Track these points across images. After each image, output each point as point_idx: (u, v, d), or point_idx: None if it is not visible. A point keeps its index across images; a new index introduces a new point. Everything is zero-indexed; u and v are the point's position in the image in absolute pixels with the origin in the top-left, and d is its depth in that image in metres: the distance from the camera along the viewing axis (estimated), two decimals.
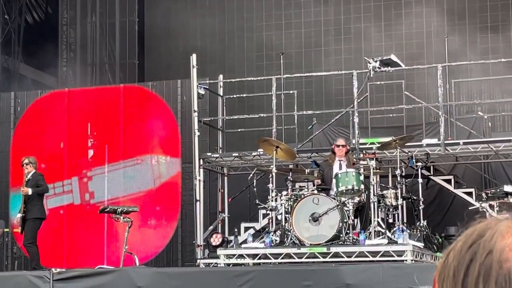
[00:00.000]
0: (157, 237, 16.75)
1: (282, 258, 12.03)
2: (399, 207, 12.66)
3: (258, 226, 14.65)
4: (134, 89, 17.77)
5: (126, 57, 23.35)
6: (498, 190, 13.18)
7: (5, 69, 23.21)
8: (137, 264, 13.00)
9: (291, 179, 12.95)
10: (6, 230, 18.07)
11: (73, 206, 17.35)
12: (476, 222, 1.42)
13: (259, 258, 12.34)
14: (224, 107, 15.76)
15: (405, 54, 19.53)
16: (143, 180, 17.01)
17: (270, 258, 12.19)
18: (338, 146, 13.07)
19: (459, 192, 14.20)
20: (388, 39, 20.96)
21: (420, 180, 13.09)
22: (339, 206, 11.95)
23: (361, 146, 13.99)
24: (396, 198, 12.57)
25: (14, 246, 18.08)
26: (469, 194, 14.00)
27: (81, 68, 22.79)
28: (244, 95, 17.58)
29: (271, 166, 12.93)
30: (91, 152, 17.67)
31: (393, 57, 14.25)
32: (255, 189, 13.77)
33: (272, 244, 12.33)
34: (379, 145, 13.38)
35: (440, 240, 13.35)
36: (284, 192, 12.76)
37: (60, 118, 17.66)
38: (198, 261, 13.68)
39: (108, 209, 13.69)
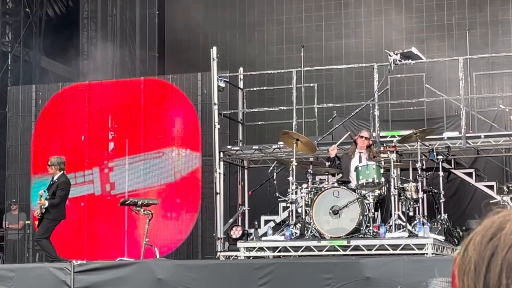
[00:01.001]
0: (177, 230, 16.78)
1: (302, 251, 12.02)
2: (420, 200, 12.63)
3: (278, 219, 14.65)
4: (154, 82, 17.78)
5: (147, 50, 23.39)
6: None
7: (26, 62, 23.32)
8: (158, 256, 13.02)
9: (311, 172, 12.93)
10: (27, 222, 18.18)
11: (94, 196, 17.41)
12: (493, 213, 1.40)
13: (279, 251, 12.34)
14: (244, 100, 15.75)
15: (426, 46, 19.44)
16: (163, 173, 17.04)
17: (290, 251, 12.19)
18: (362, 137, 13.02)
19: (480, 185, 14.13)
20: (409, 32, 20.87)
21: (441, 173, 13.03)
22: (360, 199, 11.92)
23: (381, 139, 13.95)
24: (417, 191, 12.53)
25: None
26: (490, 187, 13.94)
27: (102, 61, 22.83)
28: (264, 88, 17.56)
29: (291, 159, 12.91)
30: (111, 145, 17.72)
31: (414, 50, 14.18)
32: (275, 182, 13.77)
33: (292, 237, 12.32)
34: (399, 138, 13.32)
35: (461, 233, 13.28)
36: (305, 185, 12.74)
37: (81, 111, 17.73)
38: (218, 253, 13.70)
39: (128, 201, 13.72)
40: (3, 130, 21.00)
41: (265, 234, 13.55)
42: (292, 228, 12.46)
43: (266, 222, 14.74)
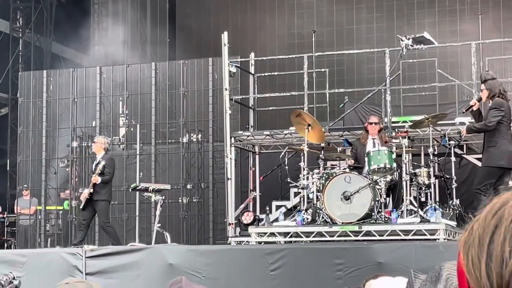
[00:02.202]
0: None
1: (314, 237, 12.01)
2: (432, 185, 12.57)
3: (289, 204, 14.63)
4: (165, 67, 17.75)
5: (157, 35, 23.36)
6: None
7: (37, 48, 23.35)
8: (169, 241, 13.03)
9: (322, 158, 12.90)
10: (39, 208, 18.23)
11: None
12: (501, 194, 1.39)
13: (291, 237, 12.32)
14: (256, 85, 15.71)
15: (438, 31, 19.34)
16: (175, 158, 17.06)
17: (301, 237, 12.17)
18: (371, 123, 12.97)
19: None
20: (421, 17, 20.77)
21: (453, 158, 12.97)
22: (371, 185, 11.89)
23: (393, 125, 13.89)
24: (429, 177, 12.48)
25: (47, 223, 18.25)
26: None
27: (113, 46, 22.82)
28: (276, 73, 17.50)
29: (303, 145, 12.88)
30: (122, 131, 17.74)
31: (426, 35, 14.09)
32: (286, 167, 13.74)
33: (304, 223, 12.30)
34: (411, 123, 13.27)
35: (473, 218, 13.22)
36: (316, 171, 12.72)
37: (92, 96, 17.73)
38: (230, 239, 13.69)
39: (140, 187, 13.73)
40: (14, 115, 21.06)
41: (276, 220, 13.54)
42: (304, 214, 12.44)
43: (278, 207, 14.73)
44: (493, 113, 10.46)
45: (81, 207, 13.74)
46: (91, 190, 13.36)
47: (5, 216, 20.48)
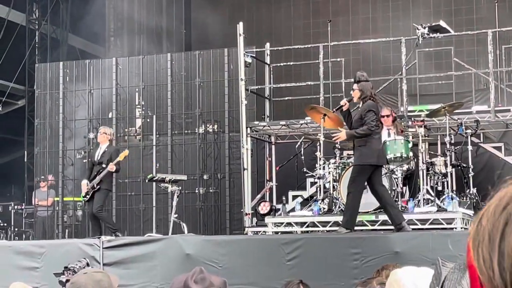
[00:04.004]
0: None
1: (330, 226, 12.02)
2: (448, 174, 12.54)
3: (306, 194, 14.64)
4: (181, 58, 17.76)
5: (173, 26, 23.37)
6: None
7: (53, 40, 23.41)
8: (186, 232, 13.07)
9: (339, 147, 12.90)
10: (56, 199, 18.30)
11: None
12: (508, 184, 1.38)
13: (307, 226, 12.34)
14: (271, 76, 15.71)
15: (454, 20, 19.26)
16: (191, 149, 17.08)
17: (318, 226, 12.19)
18: (383, 116, 12.90)
19: (509, 159, 14.03)
20: (437, 5, 20.68)
21: (469, 147, 12.95)
22: (388, 174, 11.87)
23: (409, 114, 13.85)
24: (445, 166, 12.45)
25: (64, 214, 18.33)
26: None
27: (128, 38, 22.85)
28: (291, 63, 17.47)
29: (319, 134, 12.86)
30: (139, 122, 17.77)
31: (442, 23, 14.03)
32: (302, 157, 13.75)
33: (320, 212, 12.31)
34: (428, 112, 13.23)
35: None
36: (332, 160, 12.72)
37: (109, 87, 17.78)
38: (246, 229, 13.71)
39: (156, 177, 13.76)
40: (31, 107, 21.14)
41: (293, 210, 13.56)
42: (320, 203, 12.45)
43: (294, 197, 14.74)
44: (371, 117, 10.64)
45: (86, 198, 13.66)
46: (98, 181, 13.37)
47: (23, 207, 20.58)
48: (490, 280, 1.29)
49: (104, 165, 13.35)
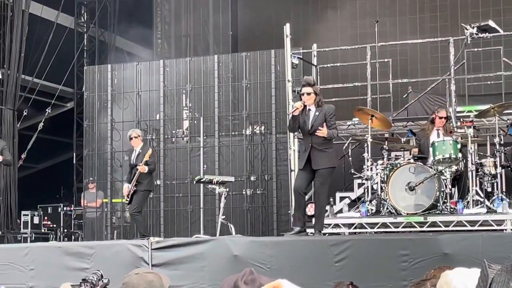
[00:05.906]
0: None
1: (378, 228, 11.96)
2: (498, 175, 12.41)
3: (353, 195, 14.59)
4: (228, 60, 17.80)
5: (220, 28, 23.44)
6: None
7: (101, 42, 23.65)
8: (233, 233, 13.09)
9: (386, 148, 12.83)
10: (105, 200, 18.46)
11: None
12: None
13: (355, 228, 12.29)
14: (318, 77, 15.67)
15: (503, 19, 19.05)
16: (238, 150, 17.11)
17: (366, 228, 12.13)
18: (441, 118, 12.76)
19: None
20: (485, 5, 20.48)
21: None
22: (436, 175, 11.78)
23: (458, 114, 13.74)
24: (495, 167, 12.33)
25: (113, 216, 18.48)
26: None
27: (176, 40, 22.97)
28: (338, 64, 17.41)
29: (366, 135, 12.82)
30: (186, 123, 17.84)
31: (491, 23, 13.90)
32: (350, 158, 13.70)
33: (368, 214, 12.26)
34: (476, 113, 13.11)
35: None
36: (380, 161, 12.66)
37: (156, 89, 17.88)
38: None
39: (204, 179, 13.80)
40: (80, 109, 21.35)
41: (340, 211, 13.51)
42: (368, 205, 12.40)
43: (342, 198, 14.70)
44: (334, 120, 10.87)
45: (126, 201, 13.82)
46: (136, 182, 13.49)
47: (72, 209, 20.81)
48: None
49: (138, 167, 13.47)
